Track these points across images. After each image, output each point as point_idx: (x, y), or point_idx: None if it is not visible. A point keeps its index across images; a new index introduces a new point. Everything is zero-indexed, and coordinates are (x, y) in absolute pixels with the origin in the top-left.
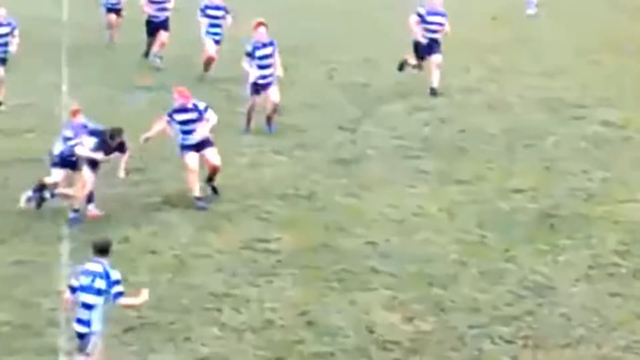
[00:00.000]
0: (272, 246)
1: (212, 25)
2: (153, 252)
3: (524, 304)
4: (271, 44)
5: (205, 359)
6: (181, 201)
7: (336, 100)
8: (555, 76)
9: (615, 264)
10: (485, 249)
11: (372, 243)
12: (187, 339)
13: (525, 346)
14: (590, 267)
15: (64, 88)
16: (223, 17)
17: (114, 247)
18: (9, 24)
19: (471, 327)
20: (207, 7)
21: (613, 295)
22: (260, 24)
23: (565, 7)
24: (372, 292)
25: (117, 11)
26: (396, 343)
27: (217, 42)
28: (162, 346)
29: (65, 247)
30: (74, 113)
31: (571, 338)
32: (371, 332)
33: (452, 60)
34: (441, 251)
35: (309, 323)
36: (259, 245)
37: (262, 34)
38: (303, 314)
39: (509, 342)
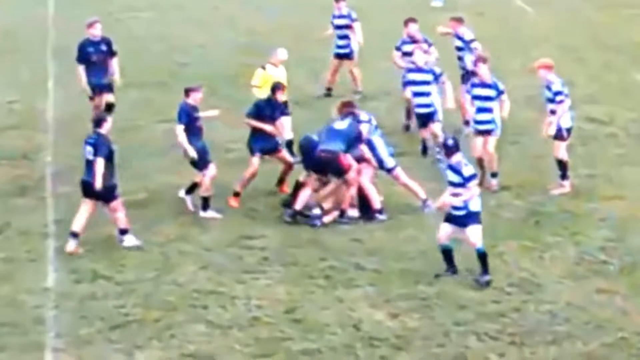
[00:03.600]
0: (258, 243)
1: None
2: (139, 249)
3: (510, 300)
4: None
5: (191, 355)
6: (166, 197)
7: (321, 98)
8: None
9: (602, 261)
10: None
11: (358, 240)
12: (173, 336)
13: (511, 343)
14: (577, 264)
15: (50, 85)
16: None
17: (99, 245)
18: None
19: (457, 323)
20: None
21: (599, 292)
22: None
23: (550, 4)
24: (358, 289)
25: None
26: (382, 340)
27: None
28: (148, 343)
29: (50, 245)
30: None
31: (557, 335)
32: (357, 329)
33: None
34: (427, 248)
35: (295, 320)
36: (244, 242)
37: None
38: (289, 311)
39: (494, 338)
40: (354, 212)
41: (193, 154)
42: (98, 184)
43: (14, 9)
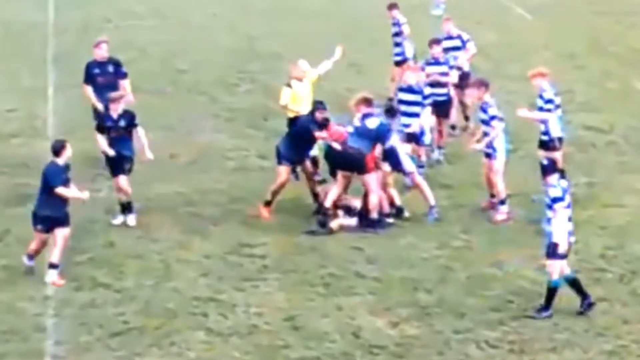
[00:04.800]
0: (258, 251)
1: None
2: (138, 257)
3: (509, 309)
4: None
5: None
6: (166, 204)
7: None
8: None
9: (601, 269)
10: (471, 254)
11: (358, 248)
12: (173, 343)
13: (511, 351)
14: (576, 272)
15: (50, 92)
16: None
17: (99, 252)
18: None
19: (457, 331)
20: None
21: (599, 300)
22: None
23: (550, 11)
24: (358, 297)
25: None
26: (382, 347)
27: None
28: (147, 350)
29: (50, 252)
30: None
31: (557, 342)
32: (357, 336)
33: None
34: (427, 256)
35: (295, 328)
36: (244, 249)
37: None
38: (289, 318)
39: (494, 347)
40: (350, 221)
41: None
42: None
43: (14, 15)
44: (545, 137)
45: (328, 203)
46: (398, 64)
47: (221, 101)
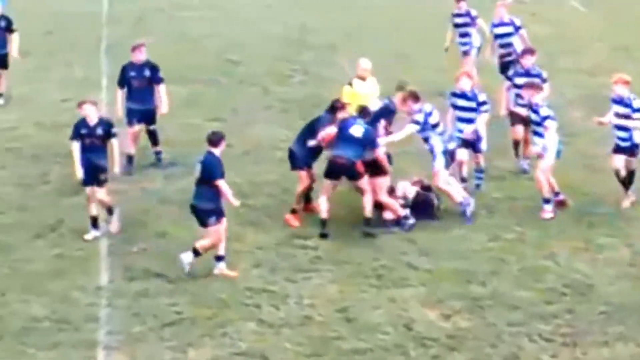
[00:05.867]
0: (311, 242)
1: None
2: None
3: (563, 301)
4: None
5: (242, 354)
6: None
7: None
8: (595, 73)
9: None
10: (524, 247)
11: (410, 240)
12: (225, 334)
13: (563, 344)
14: (630, 265)
15: (104, 83)
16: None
17: (152, 243)
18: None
19: (510, 324)
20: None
21: None
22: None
23: (604, 3)
24: (410, 289)
25: None
26: (434, 340)
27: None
28: (200, 341)
29: (103, 243)
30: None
31: (610, 336)
32: (409, 328)
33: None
34: (479, 248)
35: (347, 319)
36: (297, 241)
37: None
38: (341, 310)
39: (547, 340)
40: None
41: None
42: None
43: (68, 6)
44: (626, 144)
45: (368, 213)
46: (465, 53)
47: (274, 92)
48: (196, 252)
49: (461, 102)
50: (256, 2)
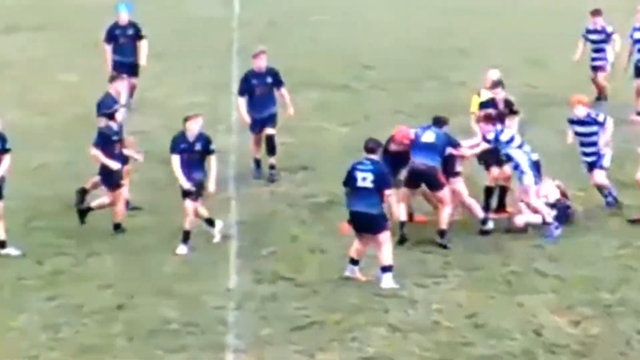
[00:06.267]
0: (440, 248)
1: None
2: (321, 252)
3: None
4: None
5: (370, 358)
6: None
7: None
8: None
9: None
10: None
11: (539, 246)
12: (354, 338)
13: None
14: None
15: (234, 87)
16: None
17: (281, 246)
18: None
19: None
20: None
21: None
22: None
23: None
24: (539, 295)
25: None
26: (563, 346)
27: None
28: (328, 345)
29: (232, 246)
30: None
31: None
32: (538, 335)
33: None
34: (609, 255)
35: (476, 325)
36: (427, 246)
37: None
38: (470, 315)
39: None
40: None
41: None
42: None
43: (199, 9)
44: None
45: (444, 225)
46: (596, 68)
47: (405, 97)
48: (388, 269)
49: (580, 129)
50: (387, 7)
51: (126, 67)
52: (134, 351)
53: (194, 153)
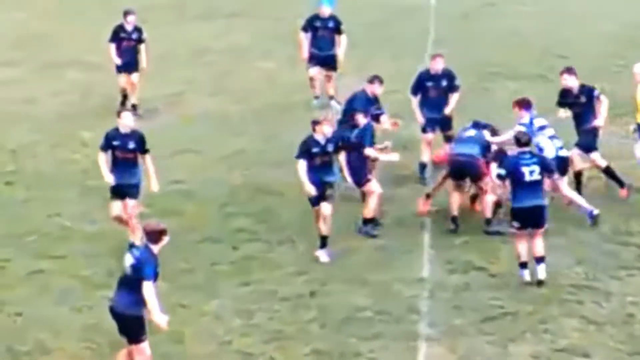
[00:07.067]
0: (636, 239)
1: None
2: (510, 242)
3: None
4: None
5: (563, 350)
6: None
7: None
8: None
9: None
10: None
11: None
12: (547, 330)
13: None
14: None
15: None
16: None
17: (474, 236)
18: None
19: None
20: None
21: None
22: None
23: None
24: None
25: None
26: None
27: None
28: (521, 336)
29: (426, 235)
30: None
31: None
32: None
33: None
34: None
35: None
36: (622, 237)
37: None
38: None
39: None
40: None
41: None
42: None
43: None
44: None
45: (489, 214)
46: None
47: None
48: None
49: None
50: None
51: (321, 59)
52: (327, 338)
53: (327, 155)
